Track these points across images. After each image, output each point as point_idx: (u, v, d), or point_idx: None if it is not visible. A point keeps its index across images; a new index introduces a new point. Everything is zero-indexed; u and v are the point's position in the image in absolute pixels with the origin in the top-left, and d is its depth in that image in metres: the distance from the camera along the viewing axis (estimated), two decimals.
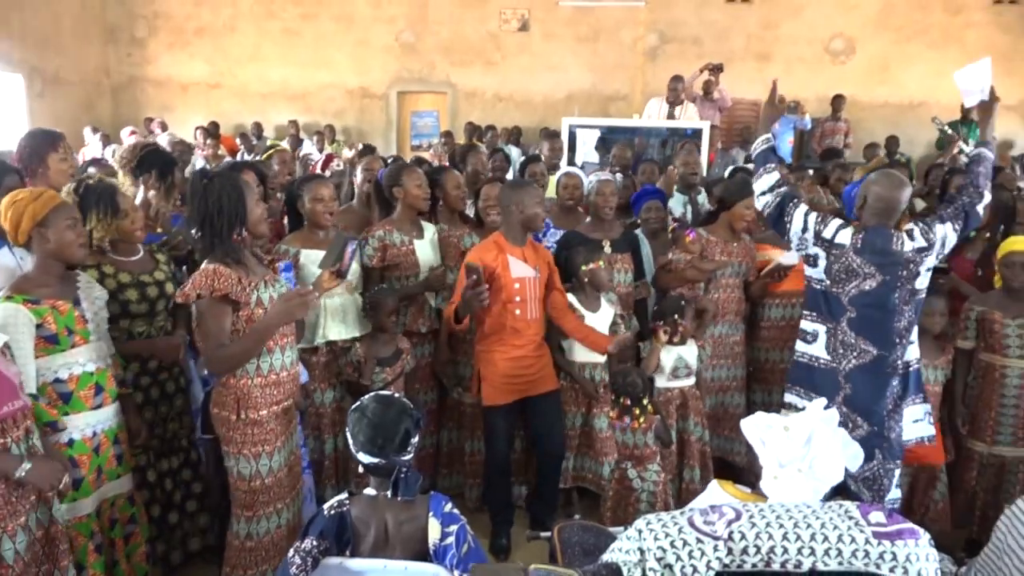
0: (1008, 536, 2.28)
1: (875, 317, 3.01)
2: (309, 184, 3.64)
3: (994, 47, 11.53)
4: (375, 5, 12.41)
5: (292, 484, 2.85)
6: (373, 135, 12.42)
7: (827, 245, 3.07)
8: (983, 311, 3.51)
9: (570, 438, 3.82)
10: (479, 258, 3.44)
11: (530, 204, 3.43)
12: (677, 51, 11.86)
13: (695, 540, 1.88)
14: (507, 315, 3.48)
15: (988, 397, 3.50)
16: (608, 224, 4.14)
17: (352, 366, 3.55)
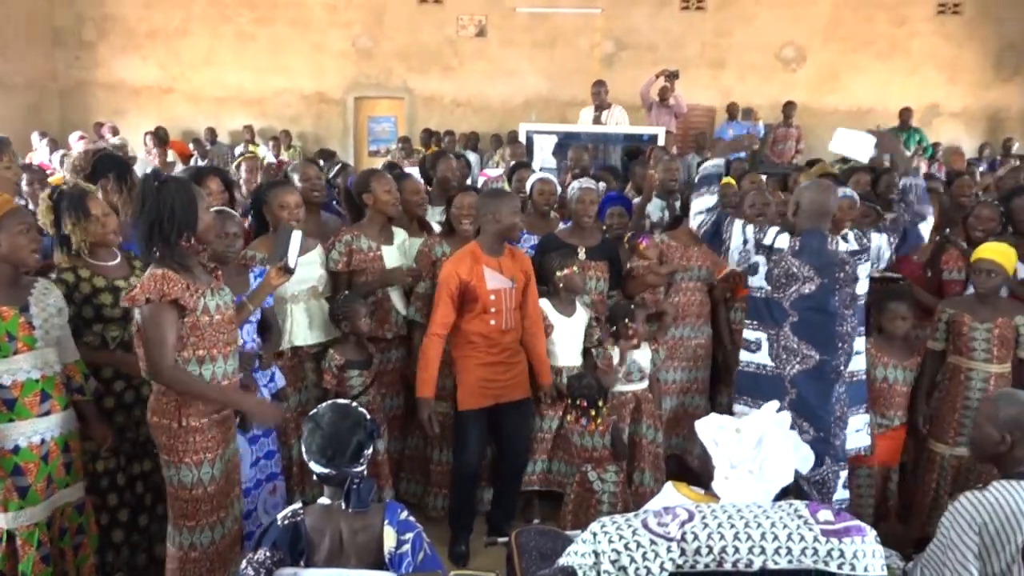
0: (951, 531, 2.34)
1: (816, 321, 3.09)
2: (275, 190, 3.60)
3: (937, 56, 11.92)
4: (331, 10, 12.33)
5: (228, 493, 2.82)
6: (330, 140, 12.33)
7: (767, 251, 3.17)
8: (954, 314, 3.57)
9: (545, 441, 3.83)
10: (454, 270, 3.43)
11: (507, 214, 3.42)
12: (633, 58, 12.00)
13: (649, 542, 1.90)
14: (482, 325, 3.48)
15: (953, 399, 3.56)
16: (587, 231, 4.14)
17: (331, 374, 3.52)
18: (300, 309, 3.60)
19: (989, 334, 3.44)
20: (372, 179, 3.86)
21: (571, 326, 3.77)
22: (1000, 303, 3.53)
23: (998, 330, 3.43)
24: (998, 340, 3.44)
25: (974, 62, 11.92)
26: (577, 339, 3.82)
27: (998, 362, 3.46)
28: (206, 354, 2.64)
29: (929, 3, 11.80)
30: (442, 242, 3.91)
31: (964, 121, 11.87)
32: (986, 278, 3.45)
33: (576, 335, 3.81)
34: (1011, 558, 2.27)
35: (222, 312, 2.70)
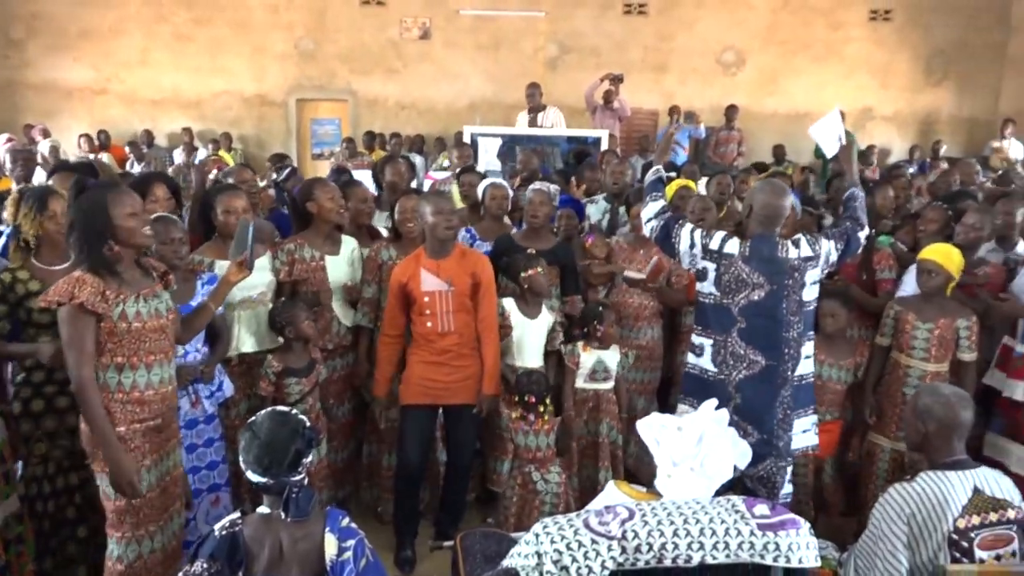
0: (882, 522, 2.42)
1: (764, 327, 3.09)
2: (222, 195, 3.54)
3: (871, 61, 12.30)
4: (272, 11, 12.14)
5: (164, 507, 2.74)
6: (272, 143, 12.12)
7: (716, 256, 3.15)
8: (900, 311, 3.65)
9: (506, 440, 3.80)
10: (397, 272, 3.50)
11: (429, 214, 3.43)
12: (576, 61, 12.10)
13: (590, 541, 1.91)
14: (420, 326, 3.52)
15: (893, 394, 3.64)
16: (540, 235, 4.15)
17: (267, 381, 3.47)
18: (248, 316, 3.55)
19: (930, 334, 3.53)
20: (316, 187, 3.82)
21: (536, 327, 3.79)
22: (945, 304, 3.58)
23: (939, 331, 3.51)
24: (937, 340, 3.52)
25: (905, 67, 12.33)
26: (540, 340, 3.83)
27: (936, 361, 3.54)
28: (126, 362, 2.58)
29: (862, 9, 12.16)
30: (389, 247, 3.89)
31: (896, 124, 12.26)
32: (928, 278, 3.54)
33: (540, 336, 3.82)
34: (937, 546, 2.35)
35: (148, 319, 2.64)
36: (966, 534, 2.36)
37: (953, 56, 12.24)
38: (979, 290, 3.84)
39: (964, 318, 3.53)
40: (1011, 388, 3.68)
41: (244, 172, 4.40)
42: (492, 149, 7.58)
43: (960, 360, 3.55)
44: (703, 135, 10.86)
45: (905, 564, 2.38)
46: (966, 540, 2.35)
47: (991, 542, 2.37)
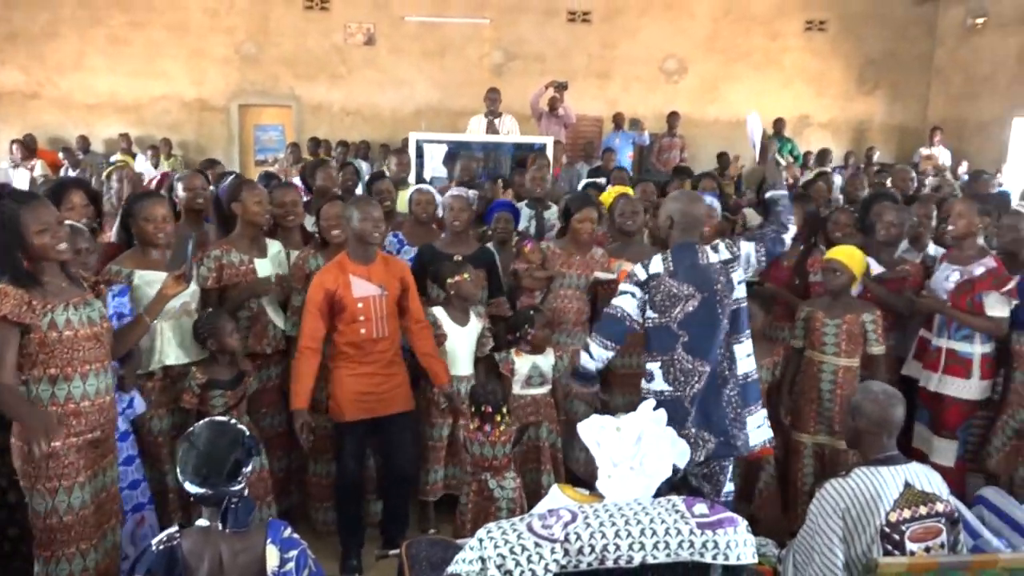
0: (818, 518, 2.49)
1: (705, 335, 3.11)
2: (141, 202, 3.43)
3: (807, 70, 12.66)
4: (212, 15, 11.92)
5: (99, 524, 2.67)
6: (213, 149, 11.87)
7: (647, 281, 3.14)
8: (810, 311, 3.81)
9: (438, 450, 3.82)
10: (320, 281, 3.39)
11: (357, 219, 3.40)
12: (522, 68, 12.17)
13: (533, 545, 1.93)
14: (352, 335, 3.44)
15: (809, 391, 3.79)
16: (462, 239, 4.16)
17: (190, 393, 3.39)
18: (171, 326, 3.42)
19: (839, 330, 3.69)
20: (243, 189, 3.76)
21: (465, 335, 3.79)
22: (851, 302, 3.77)
23: (847, 326, 3.68)
24: (846, 335, 3.68)
25: (839, 76, 12.71)
26: (470, 348, 3.83)
27: (846, 356, 3.70)
28: (59, 372, 2.51)
29: (798, 20, 12.51)
30: (316, 254, 3.85)
31: (832, 131, 12.62)
32: (832, 277, 3.72)
33: (469, 344, 3.82)
34: (871, 539, 2.43)
35: (80, 328, 2.56)
36: (897, 527, 2.44)
37: (884, 66, 12.68)
38: (903, 282, 4.05)
39: (868, 312, 3.72)
40: (926, 378, 3.89)
41: (195, 178, 4.30)
42: (438, 156, 7.58)
43: (870, 354, 3.73)
44: (647, 142, 11.03)
45: (841, 558, 2.45)
46: (897, 533, 2.43)
47: (921, 534, 2.46)
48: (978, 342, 3.75)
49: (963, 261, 3.84)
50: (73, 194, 3.61)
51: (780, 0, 12.42)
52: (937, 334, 3.89)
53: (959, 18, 12.10)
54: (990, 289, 3.64)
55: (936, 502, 2.49)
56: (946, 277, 3.88)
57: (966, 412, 3.82)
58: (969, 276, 3.75)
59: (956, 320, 3.77)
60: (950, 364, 3.80)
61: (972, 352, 3.76)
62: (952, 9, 12.30)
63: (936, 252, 4.46)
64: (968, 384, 3.76)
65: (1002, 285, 3.62)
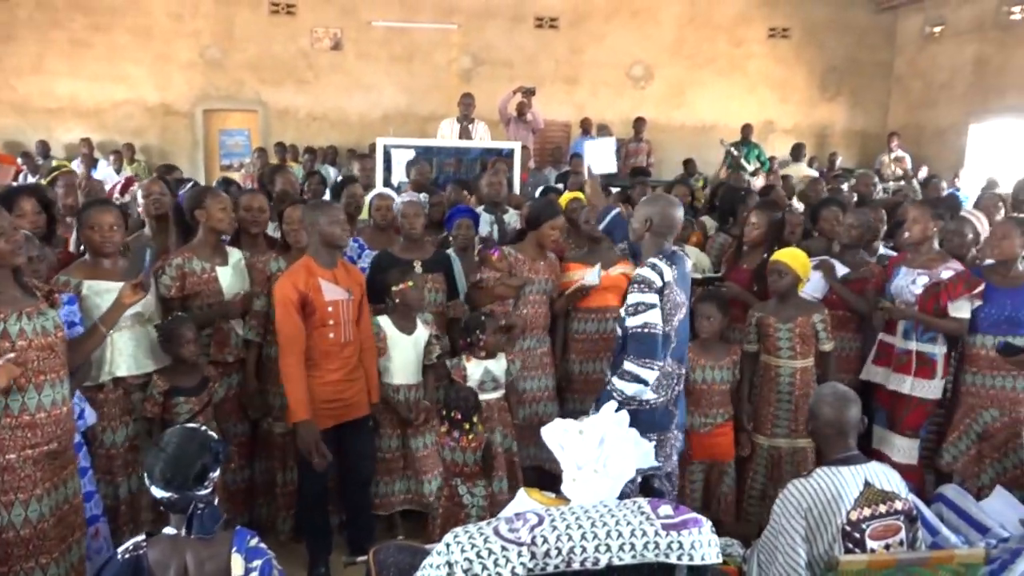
0: (781, 517, 2.52)
1: (683, 340, 3.21)
2: (88, 211, 3.36)
3: (771, 76, 12.86)
4: (176, 19, 11.78)
5: (62, 537, 2.61)
6: (178, 155, 11.72)
7: (663, 288, 3.03)
8: (761, 316, 3.86)
9: (389, 461, 3.80)
10: (290, 282, 3.35)
11: (324, 223, 3.37)
12: (490, 73, 12.20)
13: (500, 548, 1.93)
14: (321, 339, 3.41)
15: (767, 394, 3.84)
16: (419, 245, 4.17)
17: (152, 401, 3.34)
18: (124, 337, 3.34)
19: (791, 333, 3.75)
20: (207, 196, 3.73)
21: (411, 343, 3.77)
22: (800, 303, 3.83)
23: (799, 328, 3.74)
24: (799, 338, 3.74)
25: (802, 82, 12.94)
26: (417, 356, 3.82)
27: (801, 357, 3.77)
28: (12, 383, 2.45)
29: (761, 27, 12.71)
30: (278, 257, 3.83)
31: (796, 136, 12.78)
32: (777, 278, 3.78)
33: (416, 352, 3.81)
34: (832, 538, 2.47)
35: (34, 338, 2.52)
36: (858, 525, 2.48)
37: (845, 72, 12.94)
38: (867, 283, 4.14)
39: (818, 312, 3.81)
40: (897, 382, 3.93)
41: (155, 184, 4.24)
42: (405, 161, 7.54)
43: (821, 351, 3.81)
44: (614, 147, 11.09)
45: (803, 557, 2.48)
46: (858, 531, 2.48)
47: (881, 532, 2.50)
48: (941, 343, 3.84)
49: (927, 265, 3.91)
50: (24, 201, 3.51)
51: (744, 8, 12.61)
52: (905, 337, 3.94)
53: (917, 27, 12.39)
54: (962, 292, 3.70)
55: (895, 500, 2.54)
56: (912, 281, 3.94)
57: (929, 411, 3.91)
58: (937, 280, 3.82)
59: (925, 325, 3.83)
60: (921, 366, 3.86)
61: (936, 353, 3.84)
62: (911, 18, 12.59)
63: (887, 253, 4.56)
64: (933, 384, 3.84)
65: (973, 288, 3.70)
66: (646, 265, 3.05)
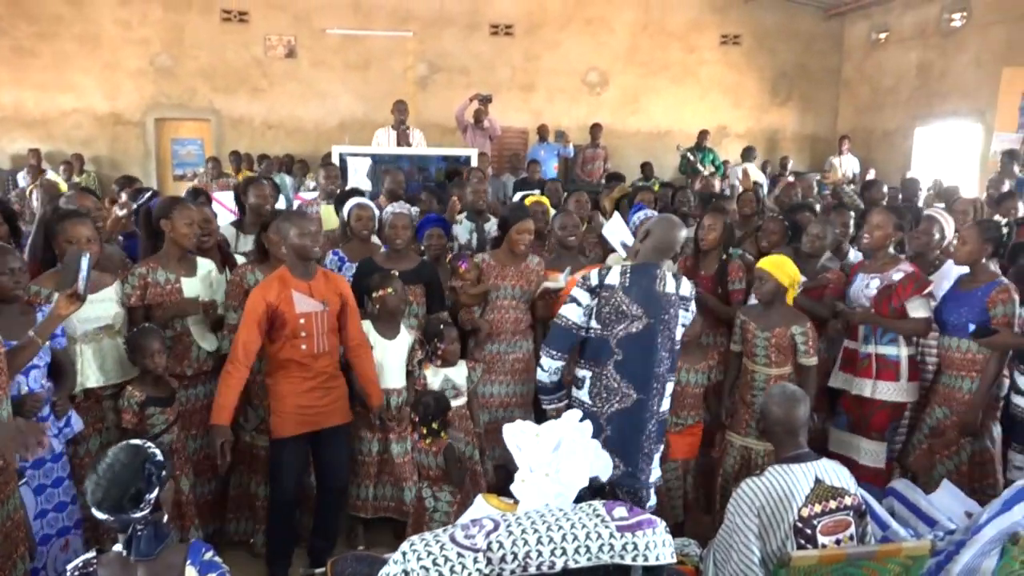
0: (735, 516, 2.56)
1: (639, 360, 3.14)
2: (64, 222, 3.33)
3: (723, 82, 13.07)
4: (125, 26, 11.57)
5: (7, 554, 2.55)
6: (129, 165, 11.49)
7: (597, 290, 3.17)
8: (744, 320, 3.88)
9: (368, 465, 3.78)
10: (261, 295, 3.33)
11: (294, 234, 3.35)
12: (446, 80, 12.21)
13: (456, 555, 1.93)
14: (293, 350, 3.39)
15: (743, 394, 3.87)
16: (402, 255, 4.14)
17: (130, 412, 3.30)
18: (92, 349, 3.34)
19: (767, 341, 3.76)
20: (175, 208, 3.67)
21: (394, 348, 3.77)
22: (785, 313, 3.81)
23: (775, 339, 3.74)
24: (775, 347, 3.75)
25: (754, 88, 13.18)
26: (400, 361, 3.81)
27: (776, 366, 3.77)
28: None
29: (713, 34, 12.92)
30: (255, 269, 3.78)
31: (748, 141, 12.99)
32: (759, 285, 3.80)
33: (399, 357, 3.80)
34: (785, 535, 2.51)
35: None
36: (809, 522, 2.53)
37: (795, 78, 13.22)
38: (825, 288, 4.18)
39: (799, 325, 3.75)
40: (860, 386, 3.97)
41: (84, 198, 4.15)
42: (362, 169, 7.52)
43: (800, 364, 3.78)
44: (571, 154, 11.19)
45: (757, 554, 2.52)
46: (809, 527, 2.53)
47: (831, 528, 2.56)
48: (902, 345, 3.89)
49: (880, 269, 3.98)
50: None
51: (695, 15, 12.81)
52: (864, 342, 3.99)
53: (864, 33, 12.71)
54: (912, 293, 3.78)
55: (844, 496, 2.59)
56: (866, 285, 4.01)
57: (895, 414, 3.95)
58: (888, 282, 3.89)
59: (883, 327, 3.89)
60: (881, 369, 3.91)
61: (898, 355, 3.89)
62: (857, 25, 12.91)
63: (857, 259, 4.62)
64: (897, 387, 3.89)
65: (922, 288, 3.78)
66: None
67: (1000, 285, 3.66)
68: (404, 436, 3.80)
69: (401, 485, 3.78)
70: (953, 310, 3.76)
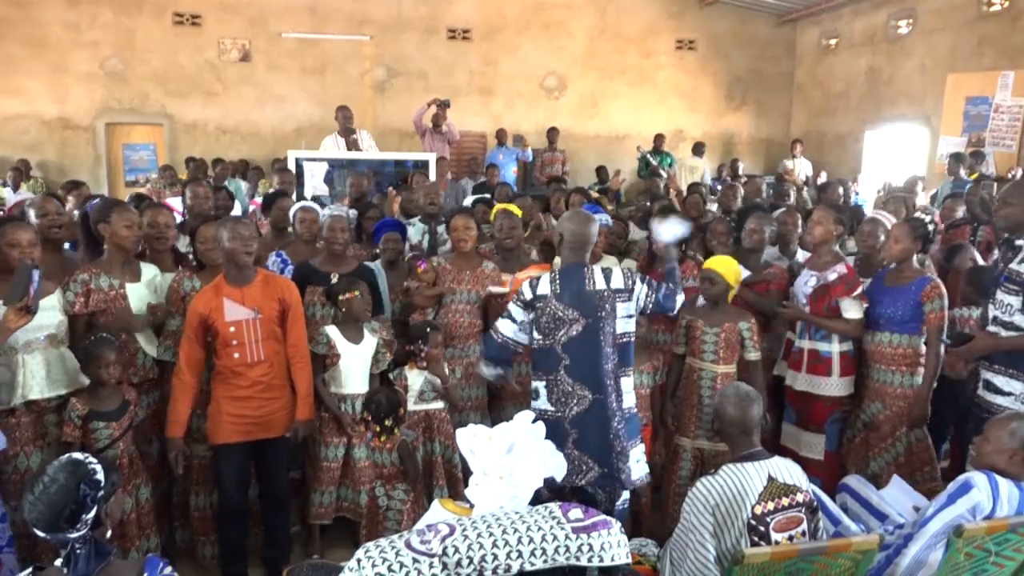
0: (690, 515, 2.59)
1: (587, 361, 3.17)
2: (3, 228, 3.25)
3: (679, 87, 13.23)
4: (74, 29, 11.30)
5: None
6: (78, 170, 11.19)
7: (532, 302, 3.22)
8: (690, 320, 3.94)
9: (331, 471, 3.75)
10: (195, 304, 3.33)
11: (227, 239, 3.32)
12: (404, 85, 12.16)
13: (411, 561, 1.92)
14: (227, 358, 3.36)
15: (690, 397, 3.92)
16: (341, 258, 4.13)
17: (71, 426, 3.22)
18: (36, 359, 3.24)
19: (717, 338, 3.83)
20: (113, 210, 3.59)
21: (359, 352, 3.76)
22: (729, 310, 3.92)
23: (724, 334, 3.82)
24: (724, 343, 3.83)
25: (709, 92, 13.36)
26: (365, 366, 3.80)
27: (724, 363, 3.85)
28: None
29: (669, 39, 13.07)
30: (192, 276, 3.71)
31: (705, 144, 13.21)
32: (709, 286, 3.88)
33: (364, 361, 3.79)
34: (739, 532, 2.55)
35: None
36: (763, 519, 2.57)
37: (750, 83, 13.43)
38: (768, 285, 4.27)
39: (745, 320, 3.87)
40: (792, 378, 4.11)
41: (48, 203, 4.05)
42: (319, 174, 7.46)
43: (747, 360, 3.88)
44: (530, 157, 11.24)
45: (712, 552, 2.55)
46: (763, 525, 2.56)
47: (784, 524, 2.60)
48: (836, 341, 3.98)
49: (820, 267, 4.09)
50: None
51: (651, 21, 12.95)
52: (799, 336, 4.12)
53: (815, 39, 12.98)
54: (843, 294, 3.89)
55: (796, 493, 2.64)
56: (805, 282, 4.12)
57: (830, 407, 4.04)
58: (824, 282, 3.99)
59: (816, 325, 3.99)
60: (812, 363, 4.02)
61: (831, 351, 3.98)
62: (809, 31, 13.18)
63: (804, 257, 4.74)
64: (830, 381, 3.98)
65: (852, 290, 3.89)
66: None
67: (931, 281, 3.80)
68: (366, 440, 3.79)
69: (358, 488, 3.76)
70: (888, 304, 3.87)
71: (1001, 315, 3.46)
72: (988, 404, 3.50)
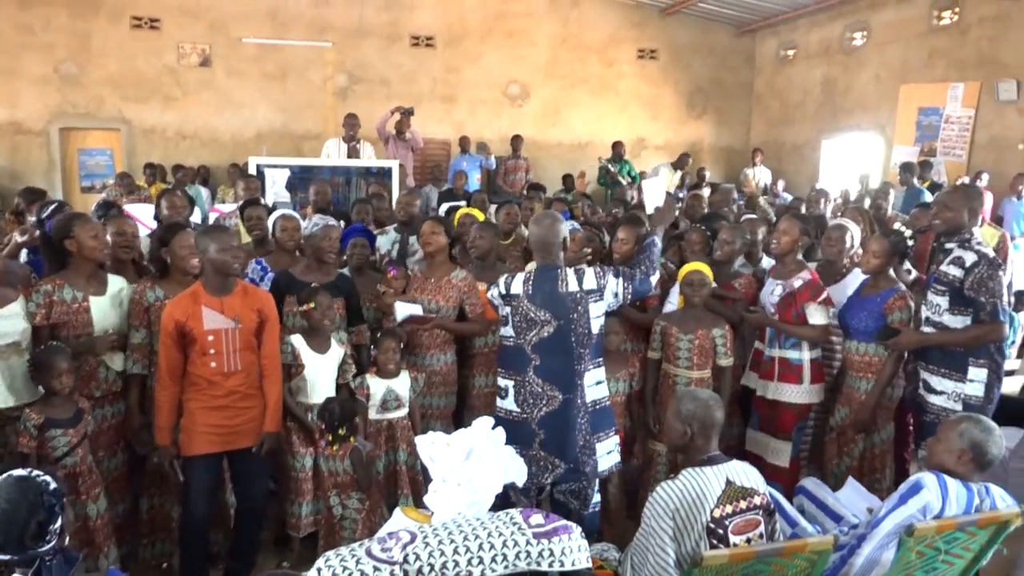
0: (651, 519, 2.62)
1: (558, 362, 3.19)
2: None
3: (641, 95, 13.38)
4: (26, 32, 11.06)
5: None
6: (31, 176, 10.94)
7: (508, 299, 3.27)
8: (665, 326, 3.98)
9: (303, 482, 3.71)
10: (171, 311, 3.27)
11: (214, 249, 3.27)
12: (367, 91, 12.12)
13: (372, 569, 1.92)
14: (203, 368, 3.31)
15: (665, 401, 3.91)
16: (325, 268, 4.08)
17: (27, 436, 3.14)
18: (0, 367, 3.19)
19: (691, 344, 3.88)
20: (75, 223, 3.51)
21: (325, 362, 3.73)
22: (704, 317, 3.95)
23: (698, 341, 3.87)
24: (698, 350, 3.87)
25: (671, 101, 13.53)
26: (332, 376, 3.77)
27: (698, 369, 3.89)
28: None
29: (631, 48, 13.22)
30: (154, 286, 3.64)
31: (667, 153, 13.36)
32: (698, 288, 3.92)
33: (331, 371, 3.76)
34: (699, 536, 2.58)
35: None
36: (721, 522, 2.60)
37: (711, 92, 13.64)
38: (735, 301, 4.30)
39: (719, 327, 3.92)
40: (762, 387, 4.14)
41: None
42: (280, 180, 7.40)
43: (719, 366, 3.93)
44: (493, 165, 11.27)
45: (672, 556, 2.58)
46: (721, 528, 2.60)
47: (742, 527, 2.64)
48: (805, 349, 4.03)
49: (785, 275, 4.13)
50: None
51: (613, 30, 13.09)
52: (769, 345, 4.14)
53: (773, 50, 13.23)
54: (808, 300, 3.95)
55: (754, 496, 2.68)
56: (771, 291, 4.17)
57: (799, 415, 4.09)
58: (791, 289, 4.05)
59: (783, 332, 4.04)
60: (783, 372, 4.06)
61: (801, 359, 4.03)
62: (767, 42, 13.43)
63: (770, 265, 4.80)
64: (800, 389, 4.03)
65: (817, 295, 3.96)
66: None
67: (897, 292, 3.87)
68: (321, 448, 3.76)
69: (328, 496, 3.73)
70: (855, 314, 3.96)
71: (932, 315, 3.59)
72: (925, 403, 3.60)
